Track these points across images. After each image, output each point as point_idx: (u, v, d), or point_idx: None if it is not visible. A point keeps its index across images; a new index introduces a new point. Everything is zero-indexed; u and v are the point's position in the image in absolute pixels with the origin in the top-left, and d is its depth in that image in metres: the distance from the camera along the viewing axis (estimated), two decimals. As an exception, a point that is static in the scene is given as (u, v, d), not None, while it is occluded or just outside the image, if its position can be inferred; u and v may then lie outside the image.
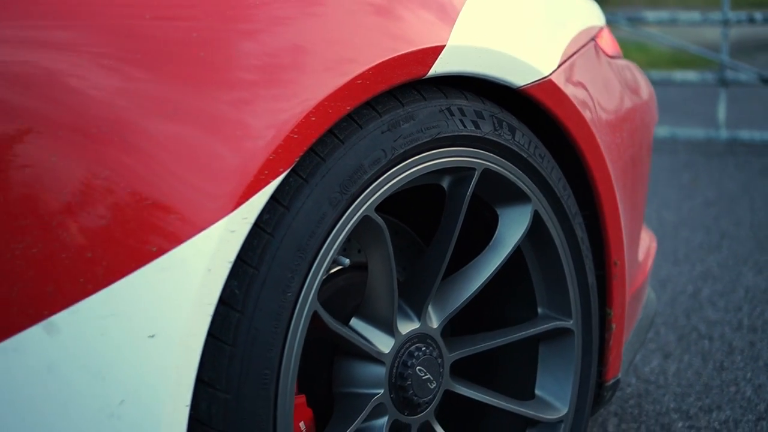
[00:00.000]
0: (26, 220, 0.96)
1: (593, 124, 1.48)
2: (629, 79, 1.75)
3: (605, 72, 1.63)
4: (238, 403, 1.09)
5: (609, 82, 1.63)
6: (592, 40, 1.63)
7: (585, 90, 1.50)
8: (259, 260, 1.10)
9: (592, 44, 1.62)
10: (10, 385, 0.97)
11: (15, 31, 1.01)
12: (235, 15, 1.10)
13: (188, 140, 1.03)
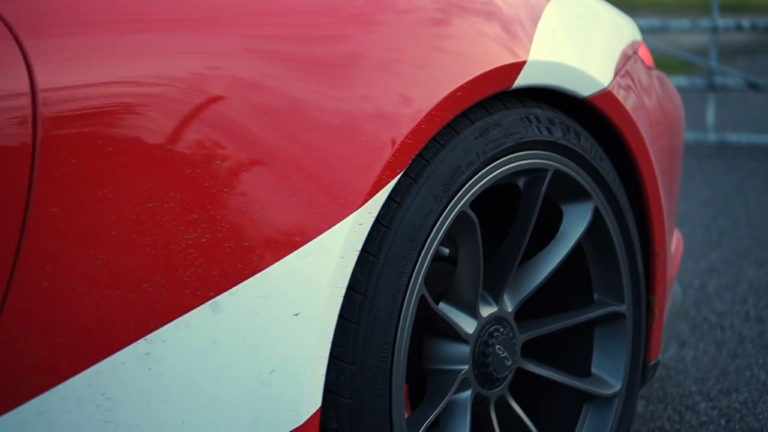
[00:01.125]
0: (197, 215, 1.12)
1: (643, 129, 1.66)
2: (664, 88, 1.93)
3: (647, 81, 1.80)
4: (362, 373, 1.25)
5: (651, 91, 1.80)
6: (635, 53, 1.80)
7: (635, 98, 1.68)
8: (378, 249, 1.26)
9: (636, 56, 1.79)
10: (182, 355, 1.13)
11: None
12: (371, 43, 1.26)
13: (329, 147, 1.19)
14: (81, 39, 1.06)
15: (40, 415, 1.04)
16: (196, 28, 1.16)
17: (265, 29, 1.20)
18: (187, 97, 1.11)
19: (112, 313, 1.07)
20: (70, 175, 1.03)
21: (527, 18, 1.48)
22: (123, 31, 1.09)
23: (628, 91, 1.65)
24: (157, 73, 1.10)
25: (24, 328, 1.01)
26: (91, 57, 1.05)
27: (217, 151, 1.13)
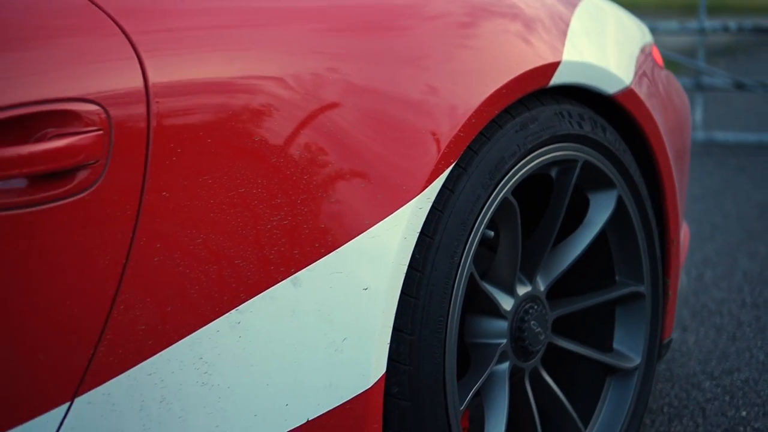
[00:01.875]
0: (280, 200, 1.25)
1: (659, 123, 1.80)
2: (673, 86, 2.07)
3: (660, 80, 1.95)
4: (420, 343, 1.39)
5: (664, 88, 1.95)
6: (650, 54, 1.95)
7: (652, 95, 1.82)
8: (434, 231, 1.40)
9: (650, 57, 1.94)
10: (267, 324, 1.26)
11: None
12: (433, 48, 1.40)
13: (395, 140, 1.33)
14: (186, 38, 1.19)
15: (149, 377, 1.17)
16: (276, 26, 1.29)
17: (345, 32, 1.34)
18: (271, 95, 1.24)
19: (210, 286, 1.20)
20: (176, 163, 1.16)
21: (560, 23, 1.62)
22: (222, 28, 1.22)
23: (646, 88, 1.80)
24: (248, 72, 1.23)
25: (138, 299, 1.14)
26: (194, 56, 1.18)
27: (298, 143, 1.26)
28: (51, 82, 1.06)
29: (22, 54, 1.07)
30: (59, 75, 1.07)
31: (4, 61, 1.05)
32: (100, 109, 1.09)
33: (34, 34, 1.09)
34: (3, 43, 1.06)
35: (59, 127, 1.06)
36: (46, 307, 1.07)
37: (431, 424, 1.41)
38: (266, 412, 1.27)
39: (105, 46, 1.12)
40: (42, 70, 1.07)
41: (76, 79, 1.08)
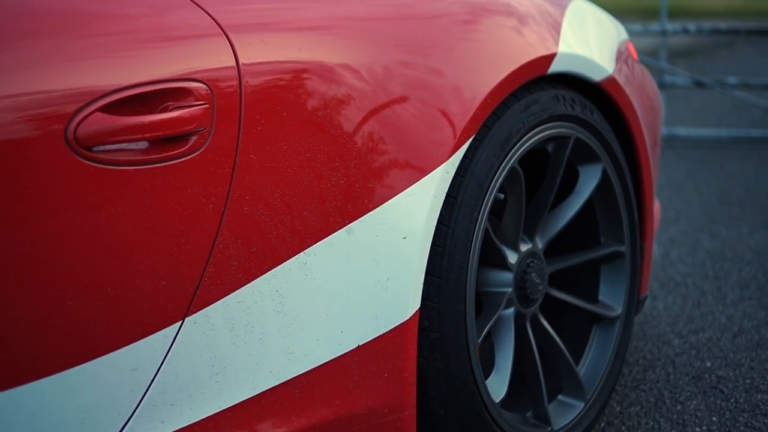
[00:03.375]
0: (338, 163, 1.53)
1: (637, 107, 2.11)
2: (646, 77, 2.38)
3: (636, 71, 2.26)
4: (446, 285, 1.68)
5: (639, 78, 2.25)
6: (627, 48, 2.25)
7: (629, 83, 2.12)
8: (457, 192, 1.69)
9: (628, 51, 2.24)
10: (327, 265, 1.54)
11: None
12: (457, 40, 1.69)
13: (426, 116, 1.62)
14: (268, 26, 1.47)
15: (239, 304, 1.45)
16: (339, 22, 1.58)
17: (391, 27, 1.63)
18: (332, 78, 1.53)
19: (284, 232, 1.48)
20: (260, 131, 1.44)
21: (554, 21, 1.92)
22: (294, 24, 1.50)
23: (625, 77, 2.10)
24: (315, 57, 1.51)
25: (232, 239, 1.42)
26: (274, 42, 1.47)
27: (352, 119, 1.55)
28: (169, 65, 1.34)
29: (144, 43, 1.34)
30: (175, 59, 1.35)
31: (132, 48, 1.33)
32: (206, 87, 1.37)
33: (152, 27, 1.36)
34: (129, 34, 1.34)
35: (176, 101, 1.34)
36: (166, 242, 1.35)
37: (454, 352, 1.70)
38: (326, 338, 1.55)
39: (204, 34, 1.40)
40: (161, 55, 1.34)
41: (188, 63, 1.36)
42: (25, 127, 1.19)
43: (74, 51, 1.27)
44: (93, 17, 1.32)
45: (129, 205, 1.30)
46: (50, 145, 1.21)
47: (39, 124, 1.20)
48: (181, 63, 1.35)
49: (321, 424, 1.56)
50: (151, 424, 1.37)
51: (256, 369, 1.48)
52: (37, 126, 1.20)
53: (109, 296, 1.29)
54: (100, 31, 1.31)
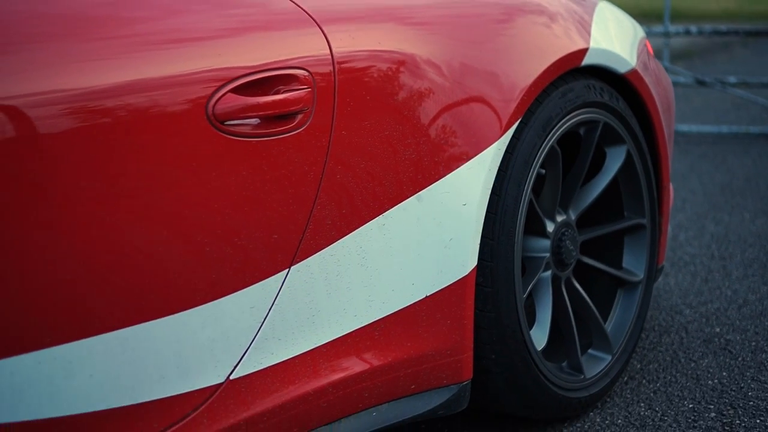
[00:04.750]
0: (410, 141, 1.80)
1: (655, 96, 2.39)
2: (661, 70, 2.66)
3: (653, 65, 2.53)
4: (498, 246, 1.95)
5: (656, 71, 2.53)
6: (645, 44, 2.53)
7: (649, 75, 2.40)
8: (506, 167, 1.96)
9: (645, 47, 2.52)
10: (401, 227, 1.81)
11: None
12: (508, 34, 1.97)
13: (483, 100, 1.89)
14: (355, 20, 1.74)
15: (332, 257, 1.72)
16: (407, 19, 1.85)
17: (457, 26, 1.91)
18: (406, 66, 1.80)
19: (368, 196, 1.75)
20: (350, 111, 1.71)
21: (586, 18, 2.20)
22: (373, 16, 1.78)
23: (645, 70, 2.38)
24: (392, 48, 1.78)
25: (327, 202, 1.69)
26: (360, 33, 1.74)
27: (424, 103, 1.82)
28: (280, 55, 1.61)
29: (261, 37, 1.62)
30: (284, 50, 1.62)
31: (253, 40, 1.60)
32: (308, 73, 1.64)
33: (265, 23, 1.64)
34: (249, 29, 1.61)
35: (285, 85, 1.61)
36: (278, 202, 1.62)
37: (504, 305, 1.97)
38: (400, 288, 1.82)
39: (305, 28, 1.67)
40: (274, 46, 1.62)
41: (294, 53, 1.63)
42: (175, 103, 1.47)
43: (211, 45, 1.54)
44: (219, 18, 1.59)
45: (251, 169, 1.57)
46: (195, 118, 1.49)
47: (186, 101, 1.48)
48: (289, 53, 1.63)
49: (395, 362, 1.83)
50: (264, 354, 1.65)
51: (344, 313, 1.76)
52: (185, 103, 1.48)
53: (236, 245, 1.57)
54: (227, 27, 1.59)
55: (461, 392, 1.94)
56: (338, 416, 1.77)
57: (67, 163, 1.36)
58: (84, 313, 1.39)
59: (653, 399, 2.33)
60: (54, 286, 1.36)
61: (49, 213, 1.34)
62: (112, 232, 1.41)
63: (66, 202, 1.35)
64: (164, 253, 1.47)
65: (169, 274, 1.49)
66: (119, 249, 1.42)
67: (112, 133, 1.40)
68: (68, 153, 1.36)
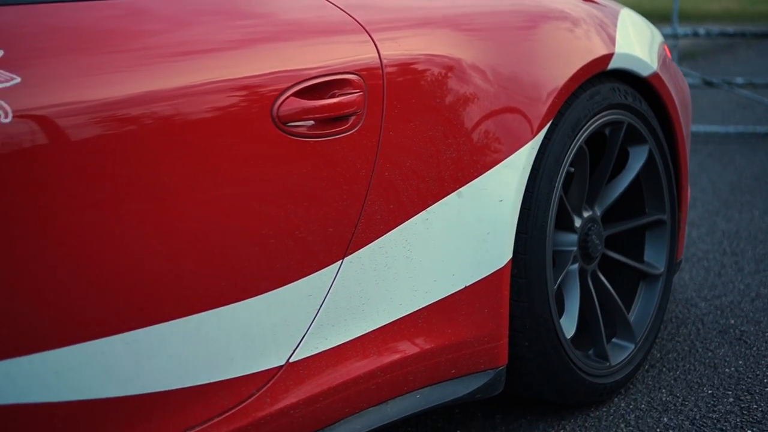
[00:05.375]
0: (451, 140, 1.93)
1: (675, 98, 2.51)
2: (678, 73, 2.78)
3: (672, 68, 2.66)
4: (531, 240, 2.07)
5: (674, 74, 2.66)
6: (663, 48, 2.66)
7: (669, 77, 2.53)
8: (539, 165, 2.09)
9: (664, 51, 2.65)
10: (442, 221, 1.93)
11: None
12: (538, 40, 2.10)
13: (519, 104, 2.02)
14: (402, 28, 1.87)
15: (380, 248, 1.84)
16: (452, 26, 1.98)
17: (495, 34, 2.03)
18: (446, 70, 1.93)
19: (413, 192, 1.88)
20: (397, 113, 1.83)
21: (611, 24, 2.33)
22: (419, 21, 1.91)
23: (666, 73, 2.51)
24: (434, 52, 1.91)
25: (377, 198, 1.81)
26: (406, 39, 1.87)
27: (463, 105, 1.95)
28: (336, 62, 1.74)
29: (318, 46, 1.74)
30: (339, 57, 1.75)
31: (312, 49, 1.73)
32: (360, 78, 1.77)
33: (321, 33, 1.76)
34: (308, 40, 1.74)
35: (340, 89, 1.74)
36: (333, 197, 1.74)
37: (537, 295, 2.10)
38: (441, 279, 1.95)
39: (357, 37, 1.80)
40: (330, 53, 1.74)
41: (347, 60, 1.76)
42: (244, 106, 1.59)
43: (274, 52, 1.67)
44: (280, 27, 1.72)
45: (310, 168, 1.70)
46: (261, 120, 1.61)
47: (253, 104, 1.60)
48: (343, 60, 1.75)
49: (437, 348, 1.96)
50: (319, 339, 1.77)
51: (391, 301, 1.88)
52: (252, 106, 1.60)
53: (297, 237, 1.69)
54: (288, 35, 1.71)
55: (497, 377, 2.06)
56: (385, 398, 1.90)
57: (157, 161, 1.48)
58: (166, 298, 1.51)
59: (674, 385, 2.46)
60: (142, 275, 1.48)
61: (139, 206, 1.46)
62: (192, 227, 1.53)
63: (153, 196, 1.48)
64: (234, 244, 1.60)
65: (238, 264, 1.61)
66: (198, 242, 1.54)
67: (189, 133, 1.52)
68: (156, 151, 1.48)
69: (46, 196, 1.35)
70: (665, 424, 2.25)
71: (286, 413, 1.71)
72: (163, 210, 1.49)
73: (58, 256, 1.37)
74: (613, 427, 2.25)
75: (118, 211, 1.43)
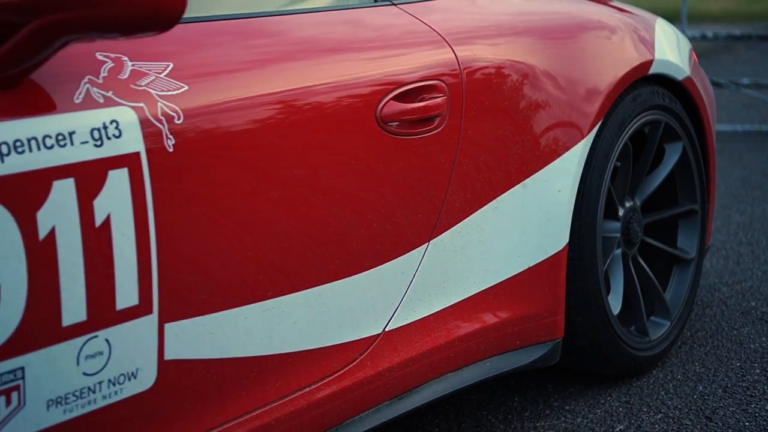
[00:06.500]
0: (517, 138, 2.19)
1: (705, 99, 2.78)
2: (705, 77, 3.04)
3: (700, 71, 2.92)
4: (584, 226, 2.33)
5: (702, 77, 2.92)
6: (692, 54, 2.92)
7: (699, 80, 2.79)
8: (591, 160, 2.35)
9: (693, 56, 2.91)
10: (509, 210, 2.19)
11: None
12: (587, 49, 2.36)
13: (574, 107, 2.28)
14: (480, 38, 2.13)
15: (458, 233, 2.10)
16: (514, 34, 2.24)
17: (553, 42, 2.29)
18: (513, 73, 2.19)
19: (484, 184, 2.14)
20: (473, 115, 2.09)
21: (650, 34, 2.59)
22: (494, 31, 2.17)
23: (696, 76, 2.77)
24: (507, 57, 2.17)
25: (457, 187, 2.07)
26: (482, 48, 2.13)
27: (529, 106, 2.21)
28: (425, 70, 2.00)
29: (412, 56, 2.00)
30: (428, 65, 2.01)
31: (407, 59, 1.98)
32: (444, 84, 2.03)
33: (413, 45, 2.02)
34: (405, 52, 2.00)
35: (428, 94, 2.00)
36: (423, 187, 2.00)
37: (589, 276, 2.36)
38: (509, 260, 2.21)
39: (440, 48, 2.06)
40: (422, 62, 2.00)
41: (434, 68, 2.02)
42: (355, 107, 1.85)
43: (378, 61, 1.93)
44: (380, 40, 1.98)
45: (404, 162, 1.95)
46: (368, 120, 1.87)
47: (361, 106, 1.86)
48: (430, 67, 2.01)
49: (504, 322, 2.22)
50: (408, 312, 2.03)
51: (466, 280, 2.14)
52: (361, 107, 1.86)
53: (394, 222, 1.95)
54: (386, 47, 1.97)
55: (555, 348, 2.32)
56: (461, 365, 2.16)
57: (287, 154, 1.74)
58: (294, 273, 1.77)
59: (705, 359, 2.72)
60: (277, 253, 1.74)
61: (278, 193, 1.72)
62: (316, 213, 1.79)
63: (286, 184, 1.73)
64: (345, 228, 1.86)
65: (348, 245, 1.87)
66: (320, 225, 1.80)
67: (311, 130, 1.78)
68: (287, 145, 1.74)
69: (207, 183, 1.60)
70: (700, 392, 2.52)
71: (382, 376, 1.97)
72: (295, 198, 1.75)
73: (221, 235, 1.63)
74: (654, 394, 2.51)
75: (261, 197, 1.69)
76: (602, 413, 2.42)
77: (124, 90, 1.50)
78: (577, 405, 2.47)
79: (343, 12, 2.02)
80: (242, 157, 1.65)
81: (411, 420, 2.40)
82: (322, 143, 1.79)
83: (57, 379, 1.43)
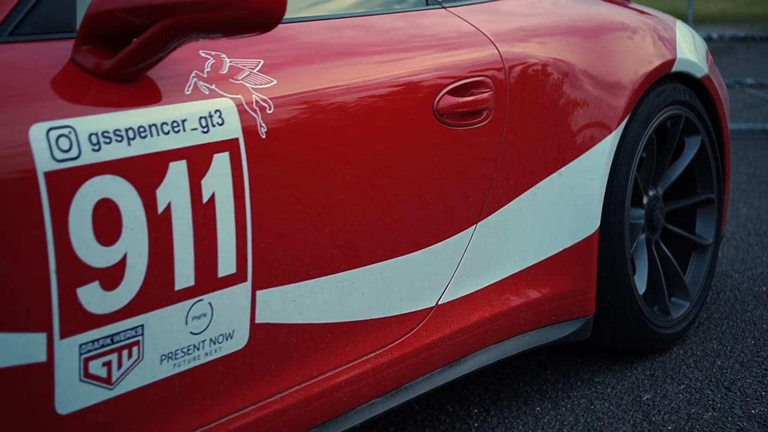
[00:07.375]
0: (555, 130, 2.39)
1: (721, 96, 2.98)
2: (720, 75, 3.25)
3: (716, 70, 3.13)
4: (613, 212, 2.53)
5: (717, 75, 3.12)
6: (708, 53, 3.13)
7: (715, 79, 3.00)
8: (619, 150, 2.55)
9: (708, 55, 3.12)
10: (547, 195, 2.39)
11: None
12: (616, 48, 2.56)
13: (604, 102, 2.48)
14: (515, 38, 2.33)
15: (502, 216, 2.30)
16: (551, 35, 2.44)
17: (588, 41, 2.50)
18: (551, 70, 2.39)
19: (525, 173, 2.34)
20: (515, 109, 2.29)
21: (672, 34, 2.80)
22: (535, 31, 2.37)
23: (713, 74, 2.98)
24: (549, 55, 2.37)
25: (501, 175, 2.27)
26: (523, 48, 2.33)
27: (563, 102, 2.41)
28: (474, 67, 2.20)
29: (463, 55, 2.20)
30: (476, 64, 2.21)
31: (459, 57, 2.18)
32: (490, 79, 2.23)
33: (462, 47, 2.22)
34: (458, 51, 2.20)
35: (477, 89, 2.20)
36: (473, 174, 2.20)
37: (618, 257, 2.56)
38: (545, 242, 2.41)
39: (485, 47, 2.26)
40: (471, 60, 2.20)
41: (481, 65, 2.22)
42: (414, 101, 2.05)
43: (433, 60, 2.13)
44: (436, 40, 2.19)
45: (457, 151, 2.15)
46: (426, 112, 2.07)
47: (420, 99, 2.06)
48: (477, 65, 2.21)
49: (542, 298, 2.42)
50: (458, 287, 2.23)
51: (509, 259, 2.34)
52: (420, 101, 2.06)
53: (447, 204, 2.15)
54: (440, 48, 2.18)
55: (587, 324, 2.53)
56: (503, 337, 2.36)
57: (359, 141, 1.94)
58: (362, 248, 1.97)
59: (722, 337, 2.93)
60: (351, 231, 1.93)
61: (352, 175, 1.92)
62: (384, 196, 1.99)
63: (359, 168, 1.93)
64: (407, 209, 2.06)
65: (410, 225, 2.07)
66: (387, 207, 2.00)
67: (378, 119, 1.98)
68: (359, 134, 1.94)
69: (293, 166, 1.80)
70: (719, 366, 2.72)
71: (435, 345, 2.17)
72: (365, 181, 1.95)
73: (304, 213, 1.83)
74: (676, 368, 2.71)
75: (337, 180, 1.89)
76: (629, 384, 2.62)
77: (225, 83, 1.70)
78: (605, 377, 2.67)
79: (401, 15, 2.22)
80: (322, 144, 1.85)
81: (453, 390, 2.60)
82: (388, 132, 1.99)
83: (169, 336, 1.63)
